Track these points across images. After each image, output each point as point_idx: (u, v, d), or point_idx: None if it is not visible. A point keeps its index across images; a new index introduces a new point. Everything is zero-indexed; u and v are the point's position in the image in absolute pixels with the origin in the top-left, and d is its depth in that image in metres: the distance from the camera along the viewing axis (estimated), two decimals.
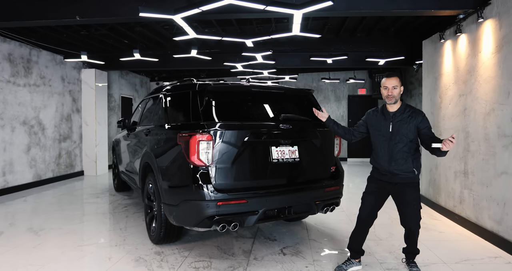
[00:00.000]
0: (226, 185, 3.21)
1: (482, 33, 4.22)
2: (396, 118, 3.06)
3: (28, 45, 7.19)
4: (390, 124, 3.07)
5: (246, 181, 3.35)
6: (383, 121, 3.13)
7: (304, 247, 3.87)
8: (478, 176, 4.25)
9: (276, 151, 3.45)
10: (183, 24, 4.69)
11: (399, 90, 3.05)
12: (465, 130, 4.57)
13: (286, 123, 3.54)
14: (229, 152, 3.23)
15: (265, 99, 3.78)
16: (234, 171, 3.26)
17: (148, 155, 3.99)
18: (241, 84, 3.80)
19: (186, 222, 3.35)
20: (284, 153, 3.50)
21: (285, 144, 3.52)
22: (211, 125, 3.21)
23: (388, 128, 3.08)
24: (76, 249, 3.82)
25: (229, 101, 3.60)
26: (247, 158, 3.34)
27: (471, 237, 4.19)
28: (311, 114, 3.89)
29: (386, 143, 3.08)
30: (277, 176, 3.52)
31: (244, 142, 3.29)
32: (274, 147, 3.45)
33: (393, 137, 3.04)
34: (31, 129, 7.31)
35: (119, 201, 6.15)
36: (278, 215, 3.46)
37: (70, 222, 4.87)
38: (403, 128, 3.01)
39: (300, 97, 4.08)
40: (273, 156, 3.43)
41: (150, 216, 4.06)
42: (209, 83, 3.51)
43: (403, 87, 3.14)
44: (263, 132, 3.46)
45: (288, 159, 3.51)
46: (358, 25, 7.09)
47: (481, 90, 4.20)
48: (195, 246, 3.89)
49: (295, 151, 3.57)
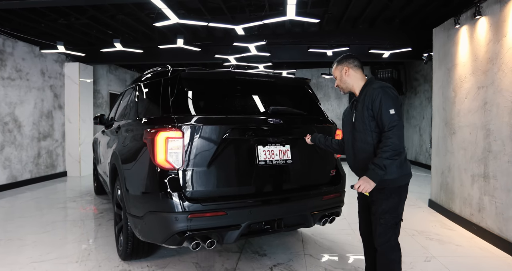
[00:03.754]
0: (200, 193, 2.60)
1: (507, 14, 3.61)
2: (357, 104, 2.39)
3: (1, 35, 6.59)
4: (354, 113, 2.40)
5: (225, 188, 2.73)
6: (349, 113, 2.50)
7: (299, 265, 3.27)
8: (502, 180, 3.64)
9: (264, 151, 2.84)
10: (162, 5, 4.09)
11: (340, 76, 2.46)
12: (485, 127, 3.97)
13: (276, 118, 2.93)
14: (205, 153, 2.62)
15: (252, 89, 3.16)
16: (211, 176, 2.65)
17: (115, 156, 3.39)
18: (222, 71, 3.20)
19: (152, 238, 2.74)
20: (274, 153, 2.88)
21: (275, 143, 2.90)
22: (182, 120, 2.61)
23: (352, 118, 2.41)
24: (27, 267, 3.22)
25: (207, 91, 2.99)
26: (227, 160, 2.71)
27: (495, 252, 3.59)
28: (306, 108, 3.29)
29: (351, 137, 2.43)
30: (265, 182, 2.90)
31: (224, 139, 2.67)
32: (261, 146, 2.84)
33: (355, 128, 2.36)
34: (5, 126, 6.71)
35: (96, 206, 5.56)
36: (265, 229, 2.84)
37: (34, 231, 4.27)
38: (359, 114, 2.32)
39: (294, 88, 3.46)
40: (259, 157, 2.81)
41: (119, 226, 3.46)
42: (183, 69, 2.91)
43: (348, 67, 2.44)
44: (247, 128, 2.82)
45: (278, 161, 2.89)
46: (361, 15, 6.49)
47: (506, 81, 3.60)
48: (169, 263, 3.29)
49: (287, 151, 2.95)
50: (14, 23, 6.42)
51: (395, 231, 2.28)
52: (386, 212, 2.26)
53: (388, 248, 2.27)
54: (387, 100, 2.20)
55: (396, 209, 2.29)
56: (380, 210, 2.27)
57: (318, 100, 3.50)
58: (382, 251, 2.29)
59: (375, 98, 2.22)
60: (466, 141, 4.37)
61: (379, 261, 2.32)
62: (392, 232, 2.27)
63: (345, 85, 2.47)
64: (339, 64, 2.48)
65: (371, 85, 2.33)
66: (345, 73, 2.44)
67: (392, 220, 2.27)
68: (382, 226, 2.26)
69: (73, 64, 8.42)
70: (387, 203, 2.27)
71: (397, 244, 2.30)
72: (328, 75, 10.79)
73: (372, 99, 2.23)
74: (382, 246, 2.28)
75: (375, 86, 2.28)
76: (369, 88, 2.31)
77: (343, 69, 2.46)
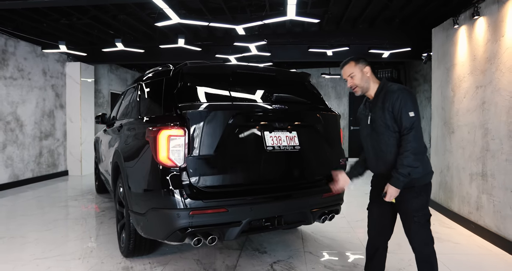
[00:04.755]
0: (201, 190, 2.63)
1: (505, 14, 3.65)
2: (373, 106, 2.39)
3: (4, 34, 6.63)
4: (369, 116, 2.41)
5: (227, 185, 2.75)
6: (364, 116, 2.49)
7: (298, 261, 3.31)
8: (500, 179, 3.68)
9: (271, 137, 2.83)
10: (163, 6, 4.13)
11: (360, 75, 2.39)
12: (483, 127, 4.01)
13: (281, 104, 2.95)
14: (207, 149, 2.65)
15: (253, 83, 3.19)
16: (213, 173, 2.69)
17: (118, 154, 3.43)
18: (223, 65, 3.23)
19: (154, 234, 2.78)
20: (281, 139, 2.87)
21: (281, 129, 2.90)
22: (184, 118, 2.65)
23: (367, 121, 2.43)
24: (31, 263, 3.26)
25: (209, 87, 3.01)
26: (231, 154, 2.73)
27: (492, 250, 3.63)
28: (309, 98, 3.33)
29: (369, 139, 2.43)
30: (274, 170, 2.89)
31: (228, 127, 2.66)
32: (268, 131, 2.84)
33: (374, 130, 2.37)
34: (7, 126, 6.76)
35: (98, 204, 5.60)
36: (266, 226, 2.87)
37: (36, 229, 4.31)
38: (378, 117, 2.32)
39: (295, 83, 3.49)
40: (267, 142, 2.81)
41: (121, 223, 3.50)
42: (185, 63, 2.94)
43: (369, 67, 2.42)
44: (251, 114, 2.83)
45: (286, 147, 2.88)
46: (361, 15, 6.53)
47: (504, 81, 3.64)
48: (171, 260, 3.33)
49: (294, 137, 2.94)
50: (17, 22, 6.46)
51: (427, 228, 2.32)
52: (418, 210, 2.29)
53: (424, 244, 2.31)
54: (407, 103, 2.22)
55: (426, 206, 2.34)
56: (412, 209, 2.29)
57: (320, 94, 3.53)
58: (419, 248, 2.32)
59: (395, 101, 2.24)
60: (465, 140, 4.41)
61: (418, 257, 2.34)
62: (425, 229, 2.31)
63: (366, 85, 2.41)
64: (358, 63, 2.41)
65: (388, 88, 2.34)
66: (366, 73, 2.41)
67: (425, 217, 2.30)
68: (416, 225, 2.29)
69: (75, 64, 8.47)
70: (417, 201, 2.30)
71: (432, 239, 2.34)
72: (328, 75, 10.82)
73: (392, 102, 2.25)
74: (417, 243, 2.31)
75: (394, 89, 2.29)
76: (387, 91, 2.32)
77: (364, 68, 2.41)
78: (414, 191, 2.29)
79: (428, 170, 2.35)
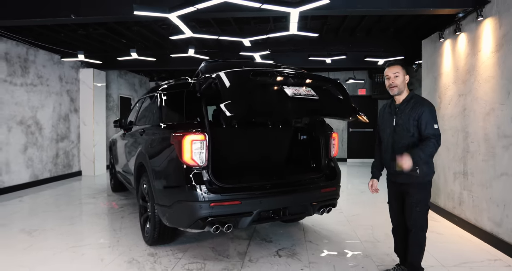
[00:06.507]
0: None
1: (481, 32, 4.15)
2: (400, 111, 2.85)
3: (25, 44, 7.14)
4: (394, 118, 2.88)
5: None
6: (389, 115, 2.97)
7: (300, 248, 3.80)
8: (478, 177, 4.18)
9: (289, 88, 3.11)
10: (179, 23, 4.64)
11: (403, 79, 2.83)
12: (464, 130, 4.51)
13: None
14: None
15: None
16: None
17: (142, 155, 3.93)
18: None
19: (179, 223, 3.29)
20: (299, 91, 3.14)
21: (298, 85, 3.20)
22: (204, 125, 3.15)
23: (392, 122, 2.89)
24: (68, 251, 3.76)
25: None
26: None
27: (470, 239, 4.12)
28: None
29: (390, 138, 2.90)
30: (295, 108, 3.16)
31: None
32: (286, 86, 3.14)
33: (396, 132, 2.84)
34: (28, 129, 7.26)
35: (115, 202, 6.10)
36: (273, 216, 3.38)
37: (64, 222, 4.81)
38: (403, 122, 2.79)
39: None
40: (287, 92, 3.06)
41: (144, 217, 4.00)
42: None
43: (408, 76, 2.89)
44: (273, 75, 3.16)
45: (307, 95, 3.17)
46: (358, 25, 7.03)
47: (481, 90, 4.14)
48: (189, 248, 3.82)
49: (310, 90, 3.24)
50: (36, 33, 6.96)
51: (426, 216, 2.85)
52: (420, 201, 2.81)
53: (420, 229, 2.83)
54: (433, 117, 2.76)
55: (427, 198, 2.86)
56: (415, 200, 2.80)
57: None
58: (416, 231, 2.83)
59: (421, 114, 2.73)
60: (449, 142, 4.90)
61: (412, 238, 2.86)
62: (424, 216, 2.84)
63: (403, 87, 2.84)
64: (404, 69, 2.87)
65: (418, 101, 2.83)
66: (406, 79, 2.86)
67: (425, 208, 2.83)
68: (417, 213, 2.81)
69: (88, 70, 8.98)
70: (420, 194, 2.81)
71: (427, 225, 2.88)
72: None
73: (419, 114, 2.74)
74: (416, 227, 2.82)
75: (424, 103, 2.81)
76: (417, 102, 2.81)
77: (406, 75, 2.87)
78: (420, 186, 2.83)
79: (432, 170, 2.89)
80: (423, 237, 2.87)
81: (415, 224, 2.83)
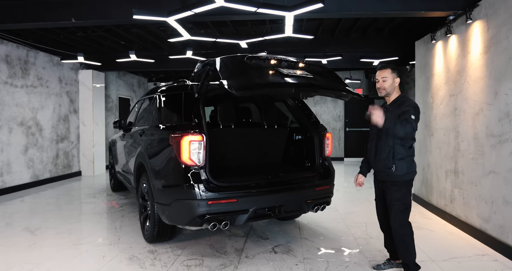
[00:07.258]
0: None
1: (471, 34, 4.28)
2: (388, 111, 2.95)
3: (26, 46, 7.24)
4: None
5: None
6: None
7: (296, 245, 3.93)
8: (468, 175, 4.31)
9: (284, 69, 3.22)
10: (177, 26, 4.76)
11: (391, 82, 2.94)
12: (455, 130, 4.64)
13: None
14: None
15: None
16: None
17: (142, 155, 4.04)
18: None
19: (178, 221, 3.41)
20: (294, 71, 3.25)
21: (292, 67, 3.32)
22: (202, 126, 3.27)
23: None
24: (71, 248, 3.88)
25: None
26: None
27: (460, 235, 4.26)
28: None
29: (376, 136, 3.01)
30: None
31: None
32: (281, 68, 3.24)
33: (381, 131, 2.89)
34: (29, 130, 7.37)
35: (115, 201, 6.21)
36: (268, 214, 3.51)
37: (66, 221, 4.92)
38: (388, 121, 2.76)
39: None
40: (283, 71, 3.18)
41: (144, 215, 4.13)
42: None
43: (399, 79, 2.98)
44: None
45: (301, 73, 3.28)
46: (353, 26, 7.15)
47: (470, 91, 4.27)
48: (188, 245, 3.94)
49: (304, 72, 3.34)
50: (37, 35, 7.07)
51: (404, 214, 2.94)
52: (398, 200, 2.92)
53: (400, 226, 2.93)
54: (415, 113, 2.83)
55: (405, 197, 2.94)
56: (393, 198, 2.93)
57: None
58: (396, 228, 2.94)
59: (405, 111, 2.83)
60: (441, 141, 5.04)
61: (394, 236, 2.99)
62: (402, 214, 2.93)
63: (391, 90, 2.96)
64: (394, 72, 2.96)
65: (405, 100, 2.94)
66: (396, 82, 2.97)
67: (402, 206, 2.93)
68: (395, 211, 2.92)
69: (87, 71, 9.08)
70: (398, 193, 2.92)
71: (408, 223, 2.97)
72: None
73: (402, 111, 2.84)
74: (395, 224, 2.94)
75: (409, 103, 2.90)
76: (402, 102, 2.92)
77: (396, 78, 2.96)
78: (397, 185, 2.93)
79: (411, 170, 2.97)
80: (406, 234, 2.95)
81: (395, 221, 2.95)
